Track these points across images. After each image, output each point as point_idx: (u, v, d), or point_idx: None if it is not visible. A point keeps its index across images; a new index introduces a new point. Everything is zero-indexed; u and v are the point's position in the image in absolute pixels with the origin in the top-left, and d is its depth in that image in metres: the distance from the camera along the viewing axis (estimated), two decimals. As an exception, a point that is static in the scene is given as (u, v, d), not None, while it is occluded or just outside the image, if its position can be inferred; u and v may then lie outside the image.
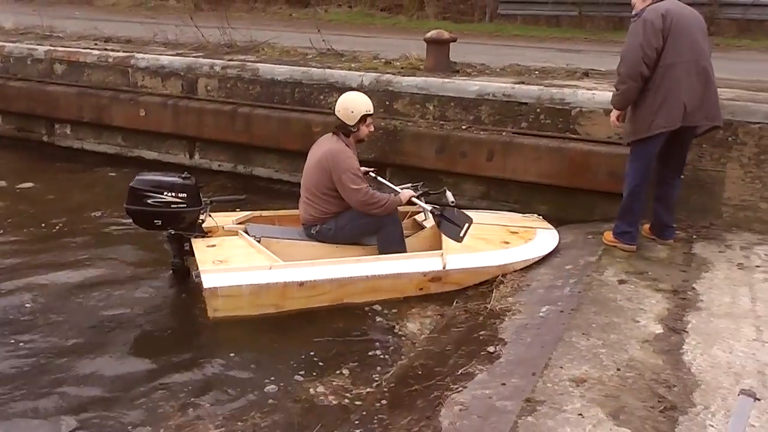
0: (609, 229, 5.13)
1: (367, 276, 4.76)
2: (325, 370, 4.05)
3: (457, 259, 4.95)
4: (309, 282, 4.63)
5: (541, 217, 5.78)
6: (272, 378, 3.98)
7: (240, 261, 4.73)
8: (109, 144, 8.38)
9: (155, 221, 4.88)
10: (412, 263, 4.93)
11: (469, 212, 5.67)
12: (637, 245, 4.99)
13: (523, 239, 5.28)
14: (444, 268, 4.88)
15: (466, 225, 4.93)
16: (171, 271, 5.15)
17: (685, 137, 4.81)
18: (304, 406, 3.70)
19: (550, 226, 5.55)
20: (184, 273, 5.10)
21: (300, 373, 4.07)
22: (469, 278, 4.97)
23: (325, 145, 5.12)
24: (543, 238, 5.32)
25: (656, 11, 4.61)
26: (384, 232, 5.07)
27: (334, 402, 3.71)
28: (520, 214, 5.84)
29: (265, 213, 5.76)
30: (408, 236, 5.42)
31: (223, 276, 4.53)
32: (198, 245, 4.96)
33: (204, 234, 5.14)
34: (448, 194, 5.49)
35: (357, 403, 3.68)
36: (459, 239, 4.91)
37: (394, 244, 5.08)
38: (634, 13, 4.85)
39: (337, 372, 4.03)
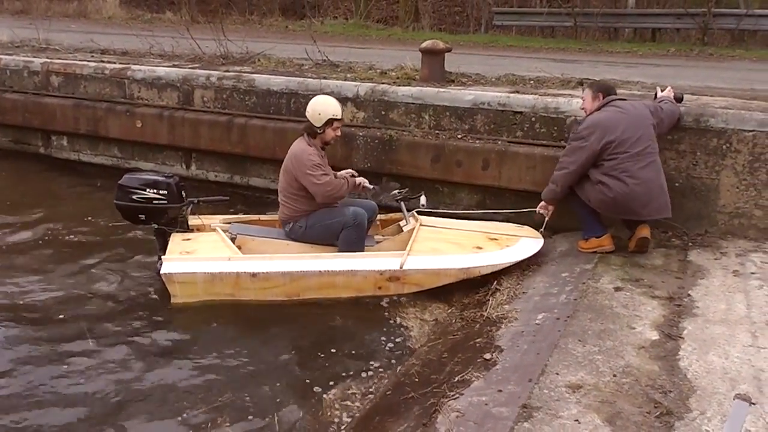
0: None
1: (320, 271, 4.89)
2: (319, 377, 4.06)
3: (417, 260, 5.00)
4: (262, 274, 4.85)
5: (532, 229, 5.72)
6: (262, 383, 3.99)
7: (203, 252, 5.01)
8: (105, 155, 8.39)
9: (139, 216, 5.25)
10: (369, 261, 5.02)
11: (462, 222, 5.71)
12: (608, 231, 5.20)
13: (500, 246, 5.29)
14: (401, 267, 4.93)
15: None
16: (158, 263, 5.32)
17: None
18: (296, 413, 3.71)
19: (539, 235, 5.52)
20: None
21: (292, 378, 4.09)
22: (429, 279, 5.01)
23: (292, 147, 5.36)
24: (522, 246, 5.30)
25: (590, 126, 4.95)
26: (346, 233, 5.20)
27: (329, 409, 3.71)
28: (514, 225, 5.83)
29: (263, 217, 5.97)
30: (385, 239, 5.60)
31: (181, 264, 4.86)
32: (175, 238, 5.27)
33: (187, 230, 5.43)
34: (422, 198, 5.68)
35: (352, 410, 3.69)
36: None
37: (351, 246, 5.22)
38: (583, 115, 5.25)
39: (332, 378, 4.04)
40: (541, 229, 5.52)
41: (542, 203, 5.35)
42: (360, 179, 5.53)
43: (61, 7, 19.64)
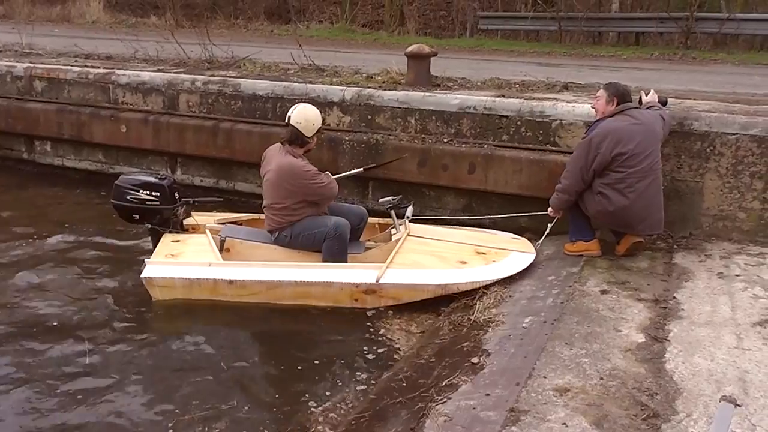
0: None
1: (296, 281, 4.91)
2: (307, 381, 4.06)
3: (395, 274, 4.96)
4: (238, 281, 4.91)
5: (527, 241, 5.61)
6: (247, 393, 3.98)
7: (187, 257, 5.11)
8: (89, 161, 8.34)
9: (134, 216, 5.41)
10: (345, 273, 5.01)
11: (454, 232, 5.66)
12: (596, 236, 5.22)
13: (486, 261, 5.16)
14: (377, 281, 4.90)
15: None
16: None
17: None
18: (284, 417, 3.70)
19: (532, 249, 5.39)
20: None
21: (279, 382, 4.09)
22: (406, 294, 4.95)
23: (278, 160, 5.27)
24: (510, 262, 5.16)
25: (604, 133, 4.86)
26: (327, 244, 5.21)
27: (317, 414, 3.70)
28: (510, 236, 5.71)
29: (263, 216, 5.87)
30: (376, 246, 5.59)
31: (162, 268, 4.97)
32: (165, 240, 5.37)
33: (181, 230, 5.56)
34: (410, 208, 5.69)
35: (340, 414, 3.68)
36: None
37: (333, 256, 5.22)
38: (594, 119, 5.14)
39: (320, 382, 4.04)
40: (538, 244, 5.44)
41: (551, 209, 5.30)
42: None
43: (44, 12, 19.53)
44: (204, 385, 4.05)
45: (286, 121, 5.30)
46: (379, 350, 4.42)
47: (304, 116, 5.26)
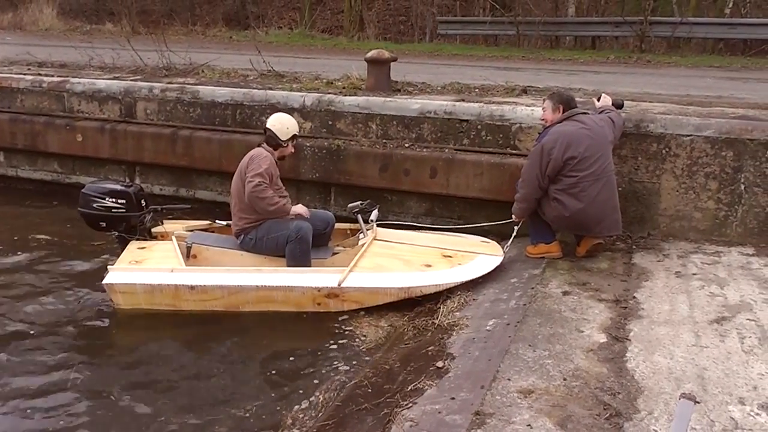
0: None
1: (257, 286, 4.90)
2: (271, 389, 4.03)
3: (357, 278, 4.95)
4: (199, 287, 4.88)
5: (497, 244, 5.56)
6: (214, 400, 3.94)
7: (152, 262, 5.10)
8: (44, 171, 8.16)
9: (100, 223, 5.37)
10: (307, 278, 5.00)
11: (422, 236, 5.65)
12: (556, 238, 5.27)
13: (451, 264, 5.15)
14: (339, 285, 4.89)
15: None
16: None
17: None
18: (247, 426, 3.66)
19: (500, 252, 5.35)
20: None
21: (243, 390, 4.04)
22: (368, 298, 4.95)
23: (248, 154, 5.36)
24: (475, 265, 5.14)
25: (554, 138, 4.94)
26: (289, 247, 5.22)
27: (282, 422, 3.67)
28: (479, 239, 5.68)
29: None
30: (343, 251, 5.58)
31: (123, 274, 4.97)
32: (131, 247, 5.35)
33: (148, 237, 5.54)
34: (374, 213, 5.70)
35: (306, 422, 3.65)
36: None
37: (296, 260, 5.23)
38: (544, 127, 5.24)
39: (284, 389, 4.00)
40: (507, 247, 5.41)
41: (514, 216, 5.32)
42: (301, 210, 5.40)
43: (-5, 19, 19.11)
44: (163, 394, 3.99)
45: (264, 127, 5.49)
46: (344, 356, 4.40)
47: (278, 120, 5.47)
